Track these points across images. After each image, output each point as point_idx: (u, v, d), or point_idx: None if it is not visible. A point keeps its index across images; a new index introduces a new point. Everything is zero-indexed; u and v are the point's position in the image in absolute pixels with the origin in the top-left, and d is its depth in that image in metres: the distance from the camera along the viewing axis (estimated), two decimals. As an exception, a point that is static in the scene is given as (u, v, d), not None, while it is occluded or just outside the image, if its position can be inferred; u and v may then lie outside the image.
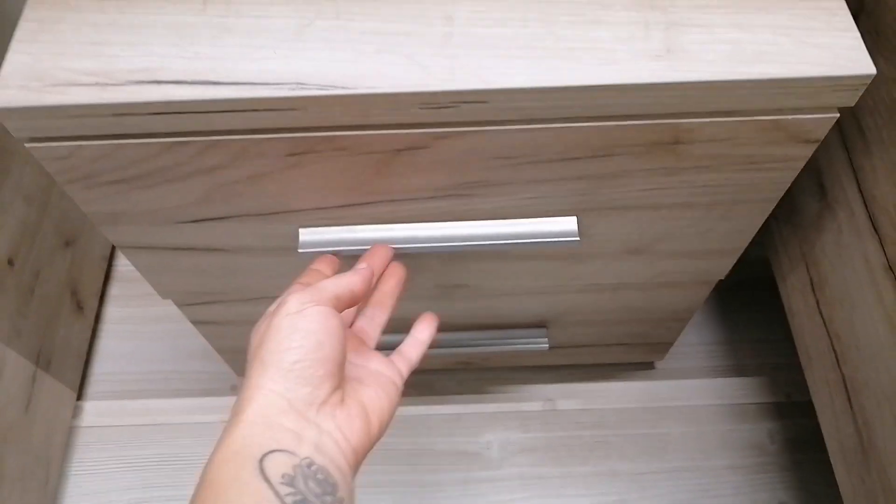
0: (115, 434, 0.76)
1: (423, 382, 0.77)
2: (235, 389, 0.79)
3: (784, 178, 0.44)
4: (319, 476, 0.30)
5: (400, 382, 0.39)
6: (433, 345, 0.45)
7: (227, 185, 0.43)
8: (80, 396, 0.78)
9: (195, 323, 0.62)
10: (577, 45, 0.37)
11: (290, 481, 0.28)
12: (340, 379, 0.34)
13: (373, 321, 0.43)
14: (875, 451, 0.46)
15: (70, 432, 0.76)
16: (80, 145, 0.39)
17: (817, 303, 0.53)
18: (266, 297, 0.57)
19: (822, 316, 0.52)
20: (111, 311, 0.83)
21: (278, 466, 0.29)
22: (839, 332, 0.50)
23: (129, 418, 0.77)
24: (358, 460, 0.33)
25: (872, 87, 0.45)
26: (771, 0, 0.38)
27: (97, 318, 0.82)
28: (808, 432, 0.74)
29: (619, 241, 0.50)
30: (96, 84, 0.36)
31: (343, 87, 0.36)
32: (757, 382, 0.77)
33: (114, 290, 0.84)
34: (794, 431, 0.75)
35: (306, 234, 0.47)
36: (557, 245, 0.46)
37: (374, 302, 0.44)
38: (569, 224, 0.46)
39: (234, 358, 0.71)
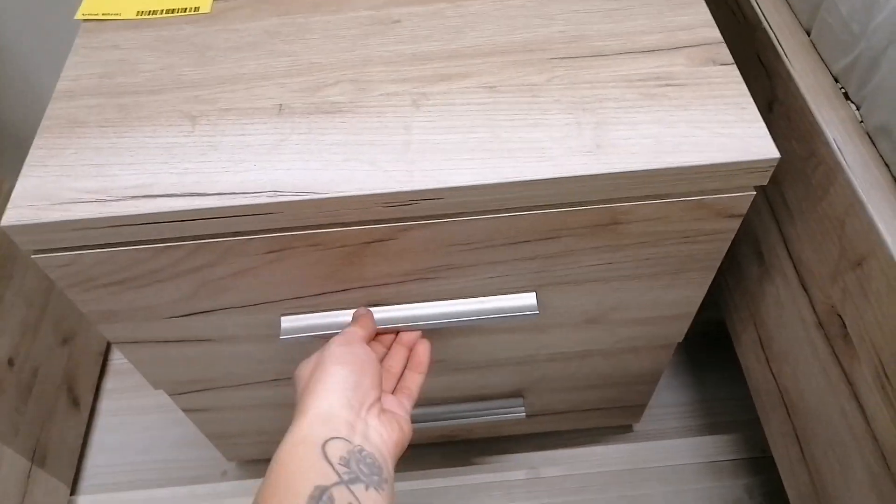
0: (109, 527, 0.77)
1: (408, 457, 0.78)
2: (226, 475, 0.81)
3: (717, 248, 0.48)
4: (368, 460, 0.37)
5: (406, 416, 0.46)
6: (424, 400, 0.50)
7: (213, 282, 0.47)
8: (73, 491, 0.79)
9: (186, 411, 0.65)
10: (518, 146, 0.42)
11: (346, 463, 0.36)
12: (380, 393, 0.43)
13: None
14: (827, 497, 0.49)
15: (64, 528, 0.77)
16: (81, 254, 0.43)
17: (767, 359, 0.57)
18: (252, 382, 0.60)
19: (772, 371, 0.56)
20: (106, 404, 0.86)
21: (337, 450, 0.36)
22: (787, 387, 0.54)
23: (123, 510, 0.78)
24: (394, 456, 0.41)
25: (789, 164, 0.50)
26: (687, 98, 0.44)
27: (92, 411, 0.85)
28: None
29: (577, 312, 0.54)
30: (96, 200, 0.41)
31: (315, 192, 0.41)
32: (732, 439, 0.80)
33: (109, 383, 0.87)
34: (772, 485, 0.77)
35: (287, 322, 0.50)
36: (519, 319, 0.51)
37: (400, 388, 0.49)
38: (528, 299, 0.50)
39: (224, 443, 0.73)
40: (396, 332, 0.50)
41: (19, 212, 0.41)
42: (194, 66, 0.49)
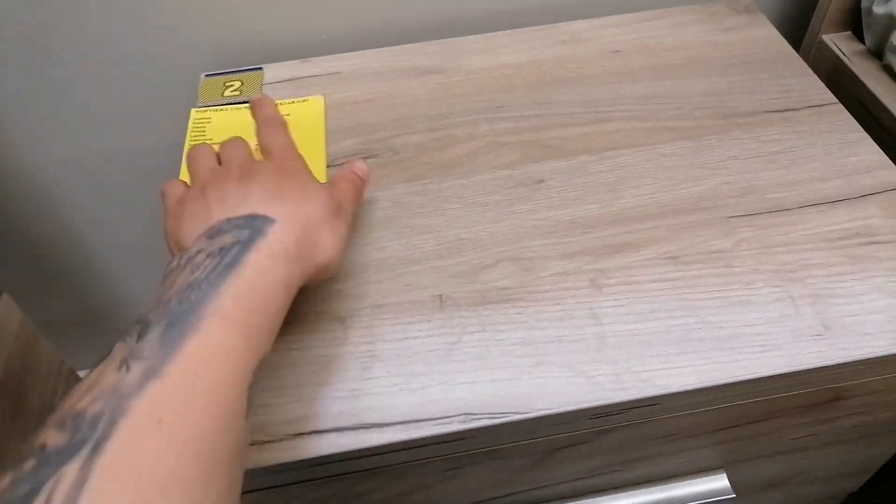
0: None
1: None
2: None
3: (931, 409, 0.43)
4: None
5: None
6: None
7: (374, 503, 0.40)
8: None
9: None
10: (732, 333, 0.37)
11: None
12: None
13: None
14: None
15: None
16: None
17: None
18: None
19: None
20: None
21: None
22: None
23: None
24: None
25: None
26: (896, 257, 0.40)
27: None
28: None
29: (761, 481, 0.48)
30: (253, 443, 0.35)
31: (514, 412, 0.35)
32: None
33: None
34: None
35: (448, 530, 0.44)
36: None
37: None
38: (720, 481, 0.44)
39: None
40: None
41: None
42: (319, 248, 0.43)
